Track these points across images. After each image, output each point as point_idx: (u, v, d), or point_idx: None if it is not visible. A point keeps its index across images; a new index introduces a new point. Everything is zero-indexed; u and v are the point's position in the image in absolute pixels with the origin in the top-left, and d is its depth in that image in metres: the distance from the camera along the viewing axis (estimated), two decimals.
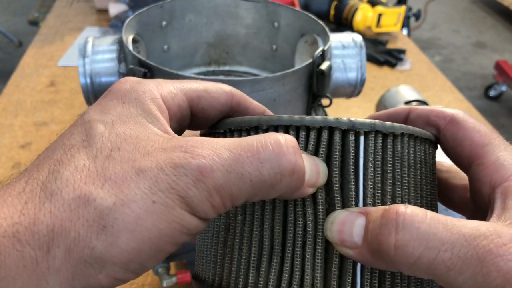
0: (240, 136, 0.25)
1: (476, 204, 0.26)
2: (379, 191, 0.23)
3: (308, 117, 0.23)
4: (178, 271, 0.55)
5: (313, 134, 0.23)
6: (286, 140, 0.21)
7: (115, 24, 1.25)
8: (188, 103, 0.25)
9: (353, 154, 0.23)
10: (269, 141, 0.21)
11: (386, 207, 0.21)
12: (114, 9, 1.27)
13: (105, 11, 1.34)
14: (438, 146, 0.28)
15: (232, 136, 0.25)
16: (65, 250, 0.18)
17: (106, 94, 0.23)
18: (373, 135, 0.23)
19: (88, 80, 0.57)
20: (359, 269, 0.23)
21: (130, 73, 0.51)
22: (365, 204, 0.23)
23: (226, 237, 0.24)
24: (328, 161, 0.23)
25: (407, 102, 0.88)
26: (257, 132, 0.24)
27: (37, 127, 0.89)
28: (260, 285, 0.23)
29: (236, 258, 0.23)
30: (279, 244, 0.23)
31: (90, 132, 0.21)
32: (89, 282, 0.18)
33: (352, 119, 0.23)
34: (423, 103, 0.88)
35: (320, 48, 0.56)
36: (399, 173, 0.24)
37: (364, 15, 1.29)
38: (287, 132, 0.23)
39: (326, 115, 0.63)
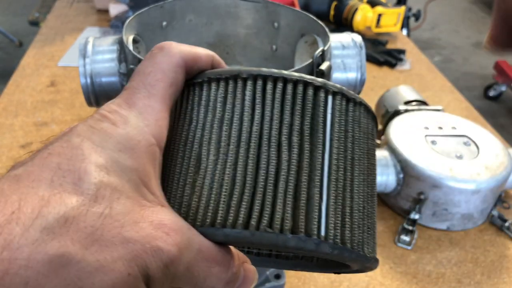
0: (218, 85, 0.26)
1: None
2: (343, 144, 0.26)
3: (286, 72, 0.25)
4: None
5: (289, 87, 0.25)
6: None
7: (116, 24, 1.25)
8: (184, 73, 0.26)
9: (323, 108, 0.25)
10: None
11: None
12: (115, 9, 1.27)
13: (105, 11, 1.35)
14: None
15: (209, 85, 0.26)
16: None
17: (97, 125, 0.22)
18: (340, 97, 0.26)
19: (89, 80, 0.57)
20: (325, 207, 0.24)
21: (131, 73, 0.51)
22: (331, 151, 0.25)
23: (195, 177, 0.25)
24: (302, 111, 0.25)
25: (407, 102, 0.88)
26: (235, 82, 0.25)
27: (38, 127, 0.89)
28: (229, 221, 0.23)
29: (205, 195, 0.24)
30: (251, 180, 0.24)
31: (82, 175, 0.20)
32: None
33: (322, 79, 0.26)
34: (423, 103, 0.89)
35: (320, 48, 0.56)
36: (357, 135, 0.26)
37: (364, 15, 1.29)
38: (264, 83, 0.25)
39: None
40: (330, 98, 0.25)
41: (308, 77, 0.25)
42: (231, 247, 0.25)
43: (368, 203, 0.27)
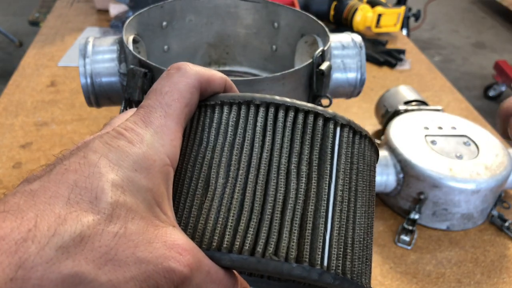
0: (230, 109, 0.26)
1: None
2: (348, 176, 0.26)
3: (298, 101, 0.26)
4: None
5: (300, 116, 0.26)
6: None
7: (116, 25, 1.25)
8: (199, 95, 0.26)
9: (331, 140, 0.26)
10: None
11: None
12: (115, 9, 1.27)
13: (105, 11, 1.35)
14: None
15: (222, 109, 0.26)
16: None
17: (114, 142, 0.22)
18: (347, 129, 0.27)
19: (89, 80, 0.57)
20: (328, 237, 0.24)
21: (131, 73, 0.51)
22: (336, 182, 0.26)
23: (203, 199, 0.25)
24: (311, 141, 0.26)
25: (407, 102, 0.88)
26: (248, 107, 0.26)
27: (38, 127, 0.89)
28: (236, 247, 0.23)
29: (212, 219, 0.24)
30: (259, 207, 0.24)
31: (98, 193, 0.20)
32: None
33: (332, 112, 0.26)
34: (423, 103, 0.89)
35: (320, 49, 0.56)
36: (362, 167, 0.27)
37: (364, 15, 1.29)
38: (276, 111, 0.26)
39: None
40: (338, 129, 0.26)
41: (319, 108, 0.26)
42: (234, 271, 0.25)
43: (367, 234, 0.27)
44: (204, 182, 0.25)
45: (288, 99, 0.26)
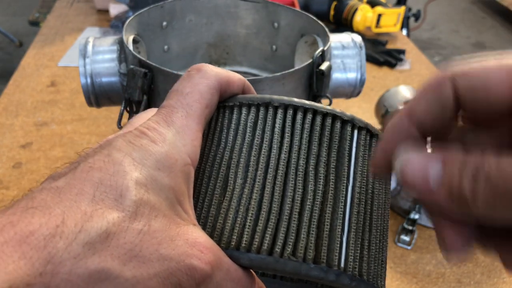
0: (248, 111, 0.26)
1: None
2: (365, 179, 0.26)
3: (316, 104, 0.26)
4: None
5: (318, 118, 0.26)
6: None
7: (116, 25, 1.25)
8: (218, 96, 0.27)
9: (349, 142, 0.26)
10: None
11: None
12: (115, 9, 1.27)
13: (105, 11, 1.35)
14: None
15: (240, 110, 0.27)
16: None
17: (137, 140, 0.22)
18: (365, 132, 0.27)
19: (89, 80, 0.57)
20: (345, 239, 0.25)
21: (131, 73, 0.51)
22: (354, 184, 0.26)
23: (222, 199, 0.25)
24: (329, 143, 0.26)
25: (407, 102, 0.88)
26: (266, 109, 0.26)
27: (38, 127, 0.89)
28: (254, 246, 0.24)
29: (231, 218, 0.24)
30: (277, 207, 0.24)
31: (123, 191, 0.20)
32: None
33: (350, 114, 0.26)
34: None
35: (320, 49, 0.56)
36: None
37: (364, 15, 1.29)
38: (295, 113, 0.26)
39: None
40: (356, 132, 0.27)
41: (337, 111, 0.26)
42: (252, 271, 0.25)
43: (383, 236, 0.28)
44: (223, 182, 0.25)
45: (306, 102, 0.26)
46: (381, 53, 1.23)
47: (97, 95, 0.58)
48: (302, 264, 0.23)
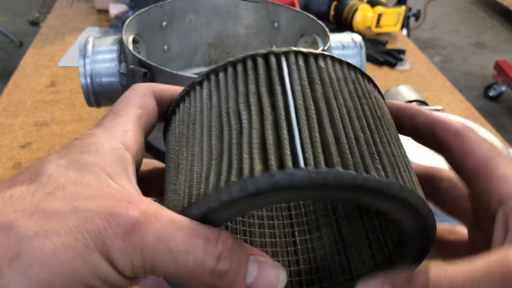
0: (194, 92, 0.26)
1: (479, 215, 0.26)
2: (311, 104, 0.22)
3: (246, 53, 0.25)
4: None
5: (250, 61, 0.24)
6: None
7: (116, 25, 1.25)
8: (153, 98, 0.27)
9: (277, 71, 0.24)
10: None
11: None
12: (115, 9, 1.27)
13: (105, 11, 1.35)
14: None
15: (183, 98, 0.26)
16: None
17: (66, 145, 0.24)
18: (293, 55, 0.24)
19: (89, 80, 0.57)
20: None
21: (131, 73, 0.51)
22: (296, 112, 0.22)
23: (175, 172, 0.24)
24: (256, 77, 0.24)
25: (407, 102, 0.88)
26: (216, 75, 0.25)
27: (38, 127, 0.89)
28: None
29: (182, 189, 0.23)
30: (218, 149, 0.22)
31: (41, 172, 0.21)
32: None
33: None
34: (423, 103, 0.89)
35: (320, 48, 0.56)
36: (331, 93, 0.23)
37: (364, 15, 1.29)
38: (234, 66, 0.25)
39: None
40: (284, 59, 0.24)
41: (263, 51, 0.25)
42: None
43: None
44: (176, 157, 0.25)
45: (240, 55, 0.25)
46: (381, 53, 1.23)
47: (97, 95, 0.58)
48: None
